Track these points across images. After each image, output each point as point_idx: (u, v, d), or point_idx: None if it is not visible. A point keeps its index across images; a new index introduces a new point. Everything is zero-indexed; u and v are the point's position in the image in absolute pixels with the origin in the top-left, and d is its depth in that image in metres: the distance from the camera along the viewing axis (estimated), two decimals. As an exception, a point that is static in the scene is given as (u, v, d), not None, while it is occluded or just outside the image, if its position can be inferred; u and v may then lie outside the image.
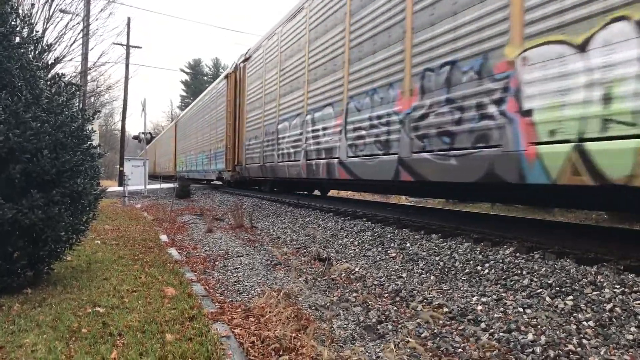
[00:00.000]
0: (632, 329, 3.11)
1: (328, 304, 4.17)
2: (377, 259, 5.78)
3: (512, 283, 4.22)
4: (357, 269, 5.38)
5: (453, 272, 4.84)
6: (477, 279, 4.55)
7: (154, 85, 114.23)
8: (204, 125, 23.36)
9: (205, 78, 74.45)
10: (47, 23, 15.23)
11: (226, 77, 18.19)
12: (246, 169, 15.01)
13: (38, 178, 4.31)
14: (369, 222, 7.80)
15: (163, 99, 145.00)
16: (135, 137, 30.51)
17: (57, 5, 15.50)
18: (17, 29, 4.50)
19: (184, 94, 78.33)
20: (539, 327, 3.32)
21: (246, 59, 15.63)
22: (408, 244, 6.06)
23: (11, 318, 3.62)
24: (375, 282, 4.87)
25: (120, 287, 4.57)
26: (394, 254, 5.82)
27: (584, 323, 3.29)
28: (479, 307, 3.84)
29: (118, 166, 30.47)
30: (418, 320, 3.70)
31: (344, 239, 7.11)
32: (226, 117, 17.66)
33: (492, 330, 3.40)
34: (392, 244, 6.24)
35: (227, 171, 17.62)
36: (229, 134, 17.20)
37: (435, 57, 6.03)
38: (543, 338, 3.14)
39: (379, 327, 3.64)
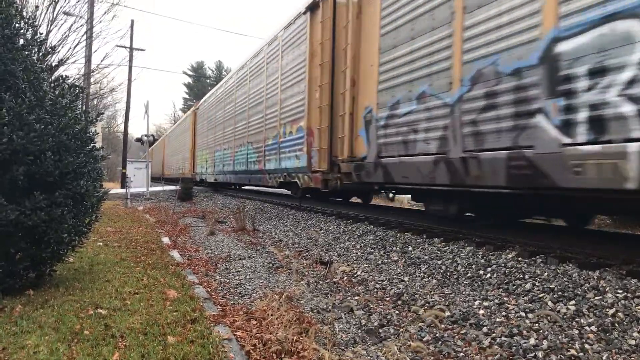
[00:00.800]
0: (635, 334, 3.10)
1: (330, 307, 4.17)
2: (379, 262, 5.78)
3: (514, 287, 4.22)
4: (359, 273, 5.37)
5: (455, 276, 4.83)
6: (479, 283, 4.55)
7: (157, 88, 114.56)
8: (249, 102, 14.96)
9: (208, 81, 74.54)
10: (51, 25, 15.32)
11: (313, 6, 9.88)
12: (378, 167, 7.29)
13: (41, 180, 4.32)
14: (371, 226, 7.79)
15: (166, 102, 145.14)
16: (138, 140, 30.57)
17: (61, 7, 15.60)
18: (21, 31, 4.52)
19: (187, 96, 78.45)
20: (541, 331, 3.31)
21: None
22: (410, 248, 6.05)
23: (13, 319, 3.62)
24: (377, 286, 4.86)
25: (122, 289, 4.58)
26: (396, 258, 5.82)
27: (586, 328, 3.28)
28: (481, 311, 3.84)
29: (120, 168, 30.51)
30: (420, 324, 3.70)
31: (346, 242, 7.10)
32: (308, 78, 9.97)
33: (494, 334, 3.39)
34: (394, 248, 6.23)
35: (311, 173, 9.99)
36: (319, 105, 9.38)
37: None
38: (545, 343, 3.14)
39: (380, 330, 3.64)
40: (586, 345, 3.07)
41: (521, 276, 4.38)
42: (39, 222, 4.22)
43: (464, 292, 4.37)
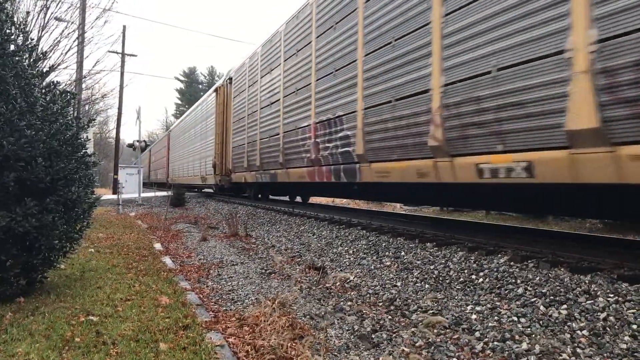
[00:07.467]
0: (626, 338, 3.12)
1: (323, 313, 4.16)
2: (372, 267, 5.78)
3: (506, 292, 4.23)
4: (352, 278, 5.37)
5: (447, 281, 4.84)
6: (471, 287, 4.56)
7: (149, 94, 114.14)
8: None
9: (200, 86, 74.46)
10: (42, 31, 15.28)
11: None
12: None
13: (32, 186, 4.29)
14: (364, 231, 7.80)
15: (158, 107, 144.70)
16: (130, 145, 30.41)
17: (52, 13, 15.56)
18: (12, 36, 4.50)
19: (179, 102, 78.28)
20: (534, 336, 3.32)
21: None
22: (403, 253, 6.06)
23: (3, 327, 3.59)
24: (370, 291, 4.86)
25: (114, 295, 4.55)
26: (388, 263, 5.82)
27: (578, 332, 3.29)
28: (474, 316, 3.84)
29: (112, 174, 30.31)
30: (412, 329, 3.70)
31: (339, 247, 7.10)
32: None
33: (486, 339, 3.40)
34: (387, 253, 6.24)
35: None
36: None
37: None
38: (537, 347, 3.15)
39: (373, 336, 3.64)
40: (578, 350, 3.08)
41: (513, 281, 4.40)
42: (30, 229, 4.19)
43: (456, 297, 4.38)
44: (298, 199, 18.04)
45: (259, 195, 17.44)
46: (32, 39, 4.93)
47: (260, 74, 14.04)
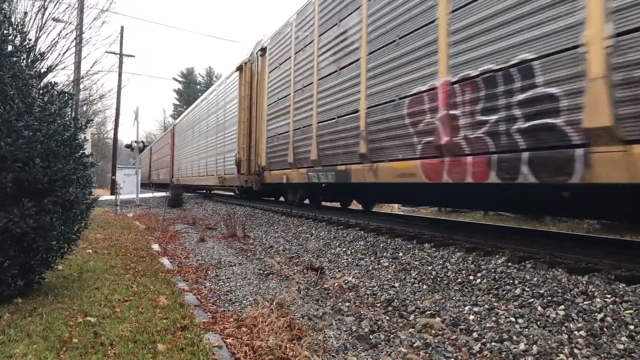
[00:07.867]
0: (623, 338, 3.12)
1: (321, 314, 4.16)
2: (370, 268, 5.78)
3: (504, 293, 4.24)
4: (349, 279, 5.37)
5: (445, 282, 4.85)
6: (469, 288, 4.56)
7: (147, 94, 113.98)
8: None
9: (198, 87, 74.45)
10: (40, 32, 15.29)
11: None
12: None
13: (30, 187, 4.29)
14: (362, 232, 7.81)
15: (156, 108, 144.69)
16: (128, 146, 30.29)
17: (50, 14, 15.57)
18: (10, 37, 4.49)
19: (177, 102, 78.22)
20: (531, 336, 3.33)
21: None
22: (400, 254, 6.07)
23: (1, 328, 3.58)
24: (368, 292, 4.86)
25: (112, 296, 4.54)
26: (386, 264, 5.83)
27: (576, 333, 3.30)
28: (471, 317, 3.85)
29: (110, 175, 30.19)
30: (410, 330, 3.70)
31: (337, 248, 7.10)
32: None
33: (484, 340, 3.40)
34: (385, 254, 6.24)
35: None
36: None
37: None
38: (535, 348, 3.15)
39: (371, 336, 3.64)
40: (575, 350, 3.09)
41: (511, 281, 4.40)
42: (28, 230, 4.18)
43: (454, 298, 4.38)
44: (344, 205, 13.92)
45: (305, 201, 13.50)
46: (29, 40, 4.92)
47: (318, 31, 9.91)
